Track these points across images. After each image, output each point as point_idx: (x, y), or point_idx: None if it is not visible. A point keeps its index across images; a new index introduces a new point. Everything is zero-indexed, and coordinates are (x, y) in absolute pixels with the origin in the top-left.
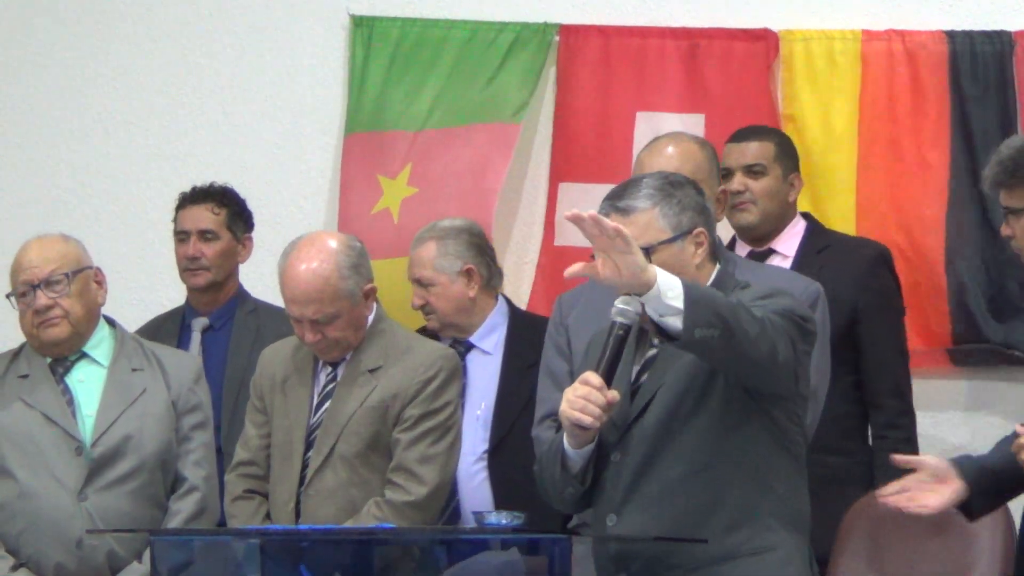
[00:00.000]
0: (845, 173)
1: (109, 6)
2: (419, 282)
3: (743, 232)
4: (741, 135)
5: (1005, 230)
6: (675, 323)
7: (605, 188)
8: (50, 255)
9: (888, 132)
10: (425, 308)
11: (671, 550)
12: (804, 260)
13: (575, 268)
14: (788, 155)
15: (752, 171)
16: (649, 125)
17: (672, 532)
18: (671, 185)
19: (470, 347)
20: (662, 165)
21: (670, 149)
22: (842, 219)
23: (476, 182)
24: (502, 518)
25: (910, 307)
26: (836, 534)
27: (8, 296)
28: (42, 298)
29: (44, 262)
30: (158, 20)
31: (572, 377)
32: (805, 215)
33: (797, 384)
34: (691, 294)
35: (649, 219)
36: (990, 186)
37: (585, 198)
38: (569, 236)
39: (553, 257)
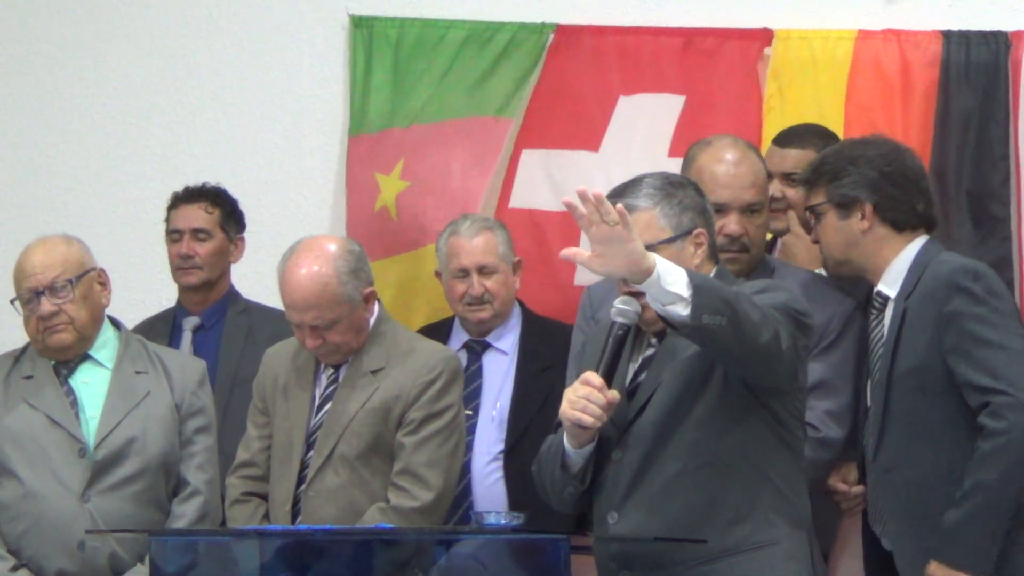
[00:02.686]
0: None
1: (109, 6)
2: (482, 270)
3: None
4: (785, 138)
5: (813, 236)
6: (678, 311)
7: (567, 154)
8: (53, 260)
9: (875, 130)
10: (483, 298)
11: (673, 547)
12: None
13: (570, 252)
14: None
15: (790, 178)
16: (630, 104)
17: (673, 529)
18: (672, 185)
19: (487, 346)
20: (724, 171)
21: (730, 155)
22: None
23: (466, 176)
24: (501, 518)
25: None
26: (834, 529)
27: (12, 301)
28: (46, 305)
29: (47, 267)
30: (158, 20)
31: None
32: None
33: (797, 378)
34: (696, 281)
35: (650, 218)
36: (802, 189)
37: (547, 162)
38: (523, 199)
39: (506, 219)
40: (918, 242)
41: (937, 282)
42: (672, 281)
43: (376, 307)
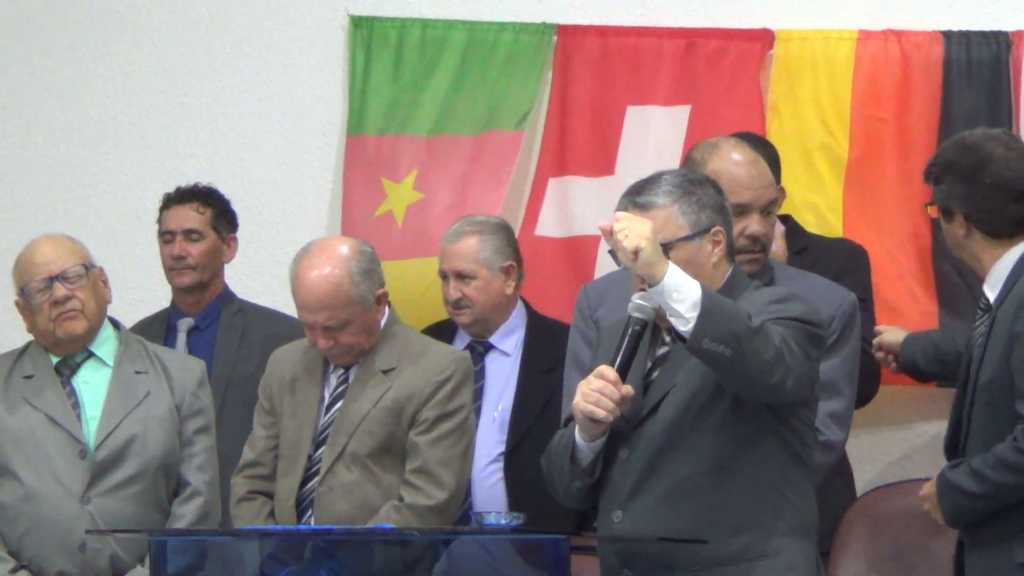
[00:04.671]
0: (832, 170)
1: (109, 6)
2: (459, 275)
3: None
4: None
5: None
6: (680, 326)
7: (589, 180)
8: (64, 251)
9: (877, 130)
10: (460, 302)
11: (676, 549)
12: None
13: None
14: (773, 168)
15: None
16: (638, 118)
17: (678, 531)
18: (691, 183)
19: (489, 348)
20: (742, 172)
21: (744, 156)
22: (829, 216)
23: (481, 190)
24: (502, 518)
25: (895, 307)
26: (828, 525)
27: (23, 291)
28: (60, 289)
29: (58, 257)
30: (158, 20)
31: None
32: (785, 218)
33: (812, 391)
34: (708, 304)
35: (668, 215)
36: (925, 181)
37: (567, 189)
38: (547, 227)
39: (531, 247)
40: (1019, 248)
41: (1019, 296)
42: (680, 298)
43: (387, 309)
